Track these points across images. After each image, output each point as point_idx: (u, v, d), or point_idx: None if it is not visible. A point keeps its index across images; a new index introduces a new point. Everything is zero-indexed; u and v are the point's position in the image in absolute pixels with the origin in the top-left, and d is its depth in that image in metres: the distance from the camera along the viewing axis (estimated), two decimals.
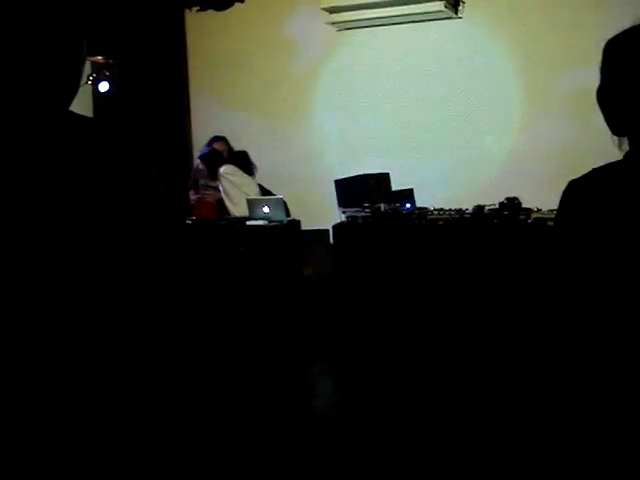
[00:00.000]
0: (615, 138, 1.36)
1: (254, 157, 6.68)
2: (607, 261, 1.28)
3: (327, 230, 6.33)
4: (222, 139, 6.79)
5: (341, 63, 7.45)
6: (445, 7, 6.51)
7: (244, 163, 6.59)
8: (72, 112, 1.38)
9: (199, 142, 7.62)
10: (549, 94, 6.73)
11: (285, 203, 6.35)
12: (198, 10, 7.73)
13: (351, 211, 5.87)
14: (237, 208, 6.38)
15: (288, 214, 6.35)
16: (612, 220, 1.28)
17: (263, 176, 6.75)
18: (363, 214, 5.79)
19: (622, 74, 1.31)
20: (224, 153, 6.69)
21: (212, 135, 6.85)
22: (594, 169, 1.36)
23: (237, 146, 6.84)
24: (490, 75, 6.93)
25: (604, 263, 1.28)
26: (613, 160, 1.34)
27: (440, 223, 5.49)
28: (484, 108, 6.95)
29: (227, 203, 6.48)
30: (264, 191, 6.65)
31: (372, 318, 5.57)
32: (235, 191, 6.43)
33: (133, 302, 1.36)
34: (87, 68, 6.98)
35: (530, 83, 6.77)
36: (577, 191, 1.37)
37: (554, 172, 5.75)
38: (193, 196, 6.74)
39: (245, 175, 6.51)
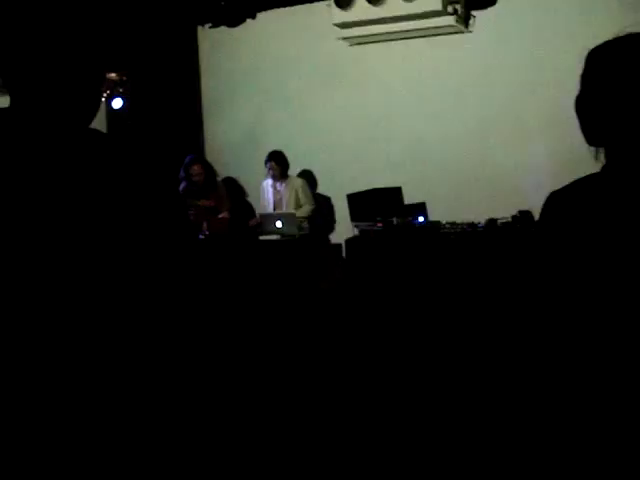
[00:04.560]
0: (592, 149, 1.38)
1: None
2: (588, 272, 1.29)
3: (340, 244, 6.34)
4: (200, 161, 6.83)
5: (353, 78, 7.47)
6: (456, 21, 6.54)
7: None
8: (93, 129, 1.44)
9: (212, 158, 7.66)
10: (561, 108, 6.71)
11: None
12: (210, 27, 7.80)
13: (364, 225, 5.87)
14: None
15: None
16: (592, 231, 1.29)
17: None
18: (375, 228, 5.79)
19: (602, 84, 1.32)
20: (200, 177, 6.70)
21: (189, 156, 6.84)
22: (575, 181, 1.38)
23: (248, 163, 6.88)
24: (502, 89, 6.93)
25: (585, 274, 1.29)
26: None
27: (452, 237, 5.48)
28: (496, 122, 6.95)
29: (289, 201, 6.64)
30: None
31: (384, 331, 5.55)
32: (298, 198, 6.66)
33: (140, 307, 1.39)
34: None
35: (542, 97, 6.76)
36: (558, 202, 1.39)
37: None
38: None
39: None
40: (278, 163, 6.63)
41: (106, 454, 1.33)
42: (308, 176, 7.26)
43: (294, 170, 7.26)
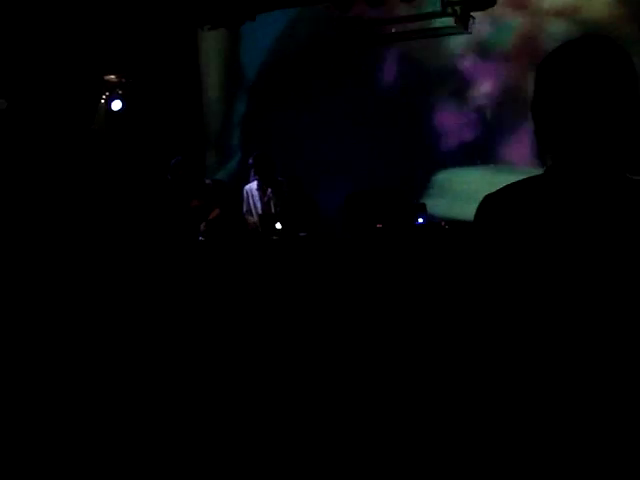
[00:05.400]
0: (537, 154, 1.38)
1: None
2: (522, 275, 1.29)
3: (339, 245, 6.33)
4: (187, 163, 6.52)
5: (353, 79, 7.48)
6: (455, 23, 6.56)
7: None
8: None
9: (213, 160, 7.66)
10: None
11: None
12: (210, 28, 7.81)
13: (362, 226, 5.86)
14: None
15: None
16: (528, 233, 1.29)
17: None
18: (375, 229, 5.79)
19: (552, 90, 1.34)
20: (187, 179, 6.50)
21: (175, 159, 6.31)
22: (510, 183, 1.38)
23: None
24: (502, 90, 6.93)
25: (519, 277, 1.30)
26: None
27: (452, 237, 5.48)
28: (495, 122, 6.96)
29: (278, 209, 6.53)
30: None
31: (384, 332, 5.55)
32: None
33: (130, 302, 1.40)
34: (100, 86, 7.04)
35: None
36: (492, 205, 1.38)
37: None
38: None
39: None
40: (264, 166, 6.41)
41: (104, 449, 1.33)
42: (303, 177, 7.24)
43: (293, 171, 7.26)
